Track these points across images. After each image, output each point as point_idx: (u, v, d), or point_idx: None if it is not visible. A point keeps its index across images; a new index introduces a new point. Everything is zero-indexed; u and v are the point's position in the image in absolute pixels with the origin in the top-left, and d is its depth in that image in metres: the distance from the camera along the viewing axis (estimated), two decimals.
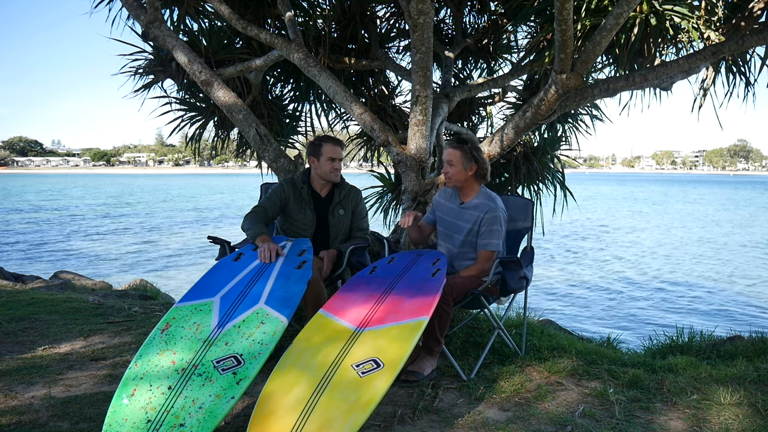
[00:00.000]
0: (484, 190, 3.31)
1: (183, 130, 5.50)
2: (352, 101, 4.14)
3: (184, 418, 2.12)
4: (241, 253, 3.14)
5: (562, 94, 3.63)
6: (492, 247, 3.20)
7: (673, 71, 3.96)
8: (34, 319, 4.19)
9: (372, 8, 5.31)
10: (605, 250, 18.82)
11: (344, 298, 2.86)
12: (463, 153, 3.21)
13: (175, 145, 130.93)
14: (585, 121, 5.85)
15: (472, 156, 3.21)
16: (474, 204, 3.26)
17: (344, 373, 2.33)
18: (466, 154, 3.21)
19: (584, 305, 11.38)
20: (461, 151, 3.21)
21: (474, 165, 3.22)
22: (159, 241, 20.46)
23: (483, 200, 3.25)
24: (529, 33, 5.37)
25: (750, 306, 11.55)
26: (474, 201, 3.27)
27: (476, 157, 3.22)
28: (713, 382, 2.98)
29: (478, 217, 3.22)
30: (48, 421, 2.49)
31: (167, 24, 4.64)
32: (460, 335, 3.73)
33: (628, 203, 42.03)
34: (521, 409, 2.66)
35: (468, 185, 3.30)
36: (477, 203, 3.26)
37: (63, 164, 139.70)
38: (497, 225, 3.20)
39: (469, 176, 3.25)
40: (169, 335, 2.49)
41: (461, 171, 3.23)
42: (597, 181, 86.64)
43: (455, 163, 3.22)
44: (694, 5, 4.13)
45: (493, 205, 3.21)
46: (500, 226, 3.21)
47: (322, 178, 3.54)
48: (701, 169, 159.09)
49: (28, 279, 7.13)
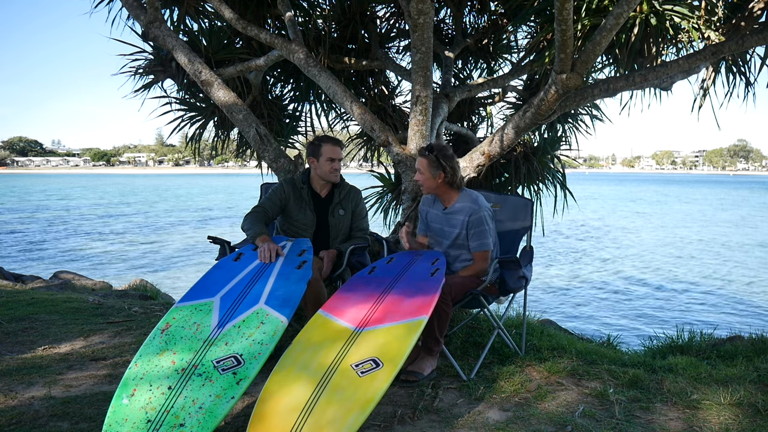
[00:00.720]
0: (466, 193, 3.32)
1: (183, 130, 5.51)
2: (352, 101, 4.14)
3: (184, 418, 2.12)
4: (241, 253, 3.14)
5: (562, 94, 3.63)
6: (485, 247, 3.22)
7: (673, 71, 3.96)
8: (34, 319, 4.19)
9: (372, 8, 5.31)
10: (605, 250, 18.82)
11: (344, 298, 2.86)
12: (429, 161, 3.22)
13: (175, 145, 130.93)
14: (585, 121, 5.85)
15: (439, 164, 3.21)
16: (457, 208, 3.27)
17: (344, 373, 2.33)
18: (432, 162, 3.22)
19: (584, 305, 11.38)
20: (427, 160, 3.23)
21: (441, 173, 3.22)
22: (159, 241, 20.45)
23: (465, 203, 3.26)
24: (529, 33, 5.37)
25: (750, 306, 11.55)
26: (457, 205, 3.28)
27: (443, 165, 3.21)
28: (713, 382, 2.98)
29: (463, 221, 3.23)
30: (48, 421, 2.49)
31: (167, 24, 4.64)
32: (460, 335, 3.73)
33: (628, 204, 42.01)
34: (521, 409, 2.66)
35: (444, 191, 3.30)
36: (460, 207, 3.26)
37: (63, 164, 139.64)
38: (484, 225, 3.21)
39: (439, 183, 3.26)
40: (169, 335, 2.49)
41: (429, 178, 3.25)
42: (597, 181, 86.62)
43: (423, 171, 3.26)
44: (694, 5, 4.13)
45: (476, 207, 3.22)
46: (488, 225, 3.22)
47: (321, 179, 3.54)
48: (701, 169, 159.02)
49: (28, 279, 7.13)
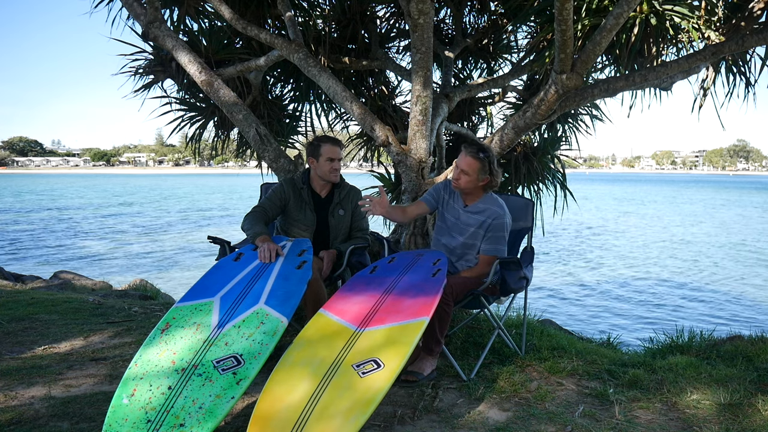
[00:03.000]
0: (491, 195, 3.31)
1: (183, 130, 5.52)
2: (352, 101, 4.14)
3: (184, 418, 2.12)
4: (241, 253, 3.14)
5: (562, 94, 3.63)
6: (496, 253, 3.21)
7: (673, 71, 3.96)
8: (34, 319, 4.19)
9: (372, 8, 5.31)
10: (605, 250, 18.82)
11: (344, 298, 2.86)
12: (482, 165, 3.19)
13: (175, 145, 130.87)
14: (585, 121, 5.86)
15: (489, 169, 3.20)
16: (480, 208, 3.26)
17: (344, 373, 2.33)
18: (484, 167, 3.19)
19: (584, 305, 11.38)
20: (480, 163, 3.18)
21: (487, 177, 3.22)
22: (159, 241, 20.44)
23: (490, 206, 3.25)
24: (529, 33, 5.37)
25: (750, 306, 11.55)
26: (480, 205, 3.27)
27: (492, 170, 3.20)
28: (713, 382, 2.98)
29: (484, 222, 3.22)
30: (48, 421, 2.49)
31: (167, 24, 4.64)
32: (460, 335, 3.73)
33: (628, 204, 41.99)
34: (521, 409, 2.66)
35: (474, 192, 3.30)
36: (483, 208, 3.25)
37: (63, 164, 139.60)
38: (503, 231, 3.21)
39: (478, 186, 3.26)
40: (169, 335, 2.49)
41: (474, 180, 3.22)
42: (597, 181, 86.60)
43: (471, 174, 3.20)
44: (694, 5, 4.13)
45: (501, 212, 3.21)
46: (506, 233, 3.23)
47: (321, 179, 3.54)
48: (701, 169, 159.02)
49: (28, 279, 7.13)
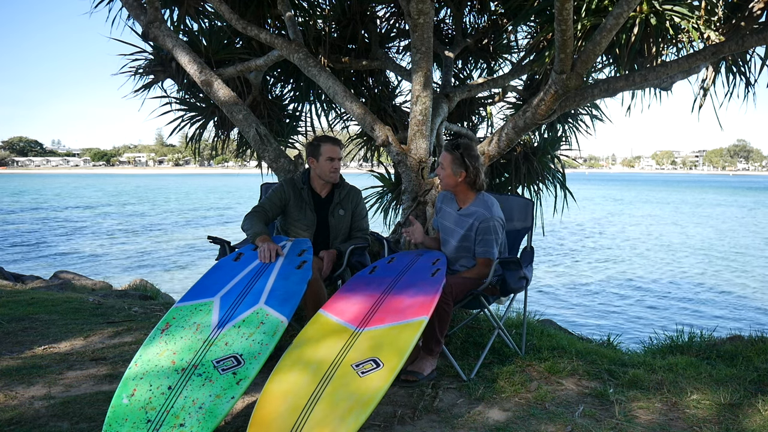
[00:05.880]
0: (482, 198, 3.25)
1: (183, 130, 5.52)
2: (352, 101, 4.14)
3: (184, 418, 2.12)
4: (241, 253, 3.14)
5: (562, 94, 3.63)
6: (488, 255, 3.17)
7: (673, 71, 3.96)
8: (33, 319, 4.19)
9: (372, 8, 5.31)
10: (605, 251, 18.82)
11: (344, 298, 2.86)
12: (454, 158, 3.17)
13: (175, 145, 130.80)
14: (585, 121, 5.86)
15: (463, 162, 3.16)
16: (470, 211, 3.22)
17: (344, 373, 2.33)
18: (457, 160, 3.17)
19: (584, 305, 11.38)
20: (452, 156, 3.18)
21: (463, 172, 3.18)
22: (159, 241, 20.46)
23: (478, 208, 3.20)
24: (529, 33, 5.37)
25: (750, 306, 11.55)
26: (471, 208, 3.23)
27: (467, 164, 3.16)
28: (713, 382, 2.98)
29: (472, 225, 3.18)
30: (48, 421, 2.49)
31: (167, 24, 4.64)
32: (460, 335, 3.73)
33: (628, 204, 41.98)
34: (521, 409, 2.66)
35: (461, 191, 3.26)
36: (473, 211, 3.21)
37: (63, 164, 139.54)
38: (491, 234, 3.14)
39: (459, 182, 3.21)
40: (169, 335, 2.49)
41: (450, 175, 3.20)
42: (596, 182, 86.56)
43: (445, 167, 3.20)
44: (694, 5, 4.13)
45: (488, 215, 3.16)
46: (496, 235, 3.16)
47: (321, 179, 3.54)
48: (701, 169, 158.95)
49: (28, 279, 7.13)
